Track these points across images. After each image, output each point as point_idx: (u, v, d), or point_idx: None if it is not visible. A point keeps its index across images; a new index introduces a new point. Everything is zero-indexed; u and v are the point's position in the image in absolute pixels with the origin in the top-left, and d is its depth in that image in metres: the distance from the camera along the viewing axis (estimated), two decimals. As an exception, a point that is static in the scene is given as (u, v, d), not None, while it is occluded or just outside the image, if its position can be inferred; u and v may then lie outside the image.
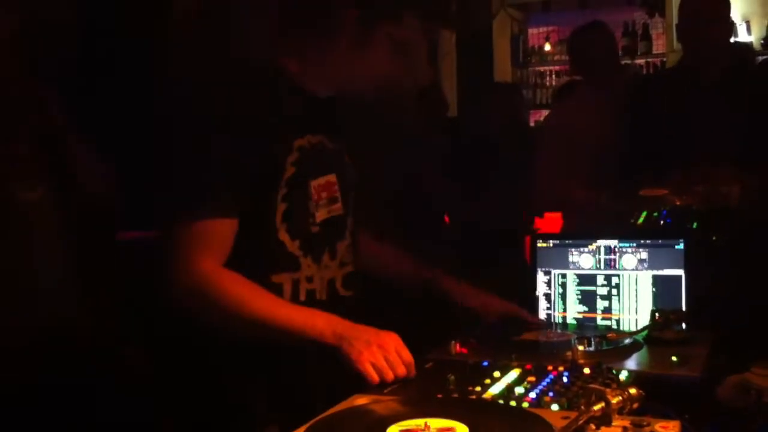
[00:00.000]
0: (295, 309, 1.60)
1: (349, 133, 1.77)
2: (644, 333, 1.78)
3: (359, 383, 1.46)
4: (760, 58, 5.14)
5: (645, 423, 1.16)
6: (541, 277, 2.07)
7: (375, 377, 1.46)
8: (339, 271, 1.73)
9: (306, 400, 1.47)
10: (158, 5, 2.84)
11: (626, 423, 1.16)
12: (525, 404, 1.32)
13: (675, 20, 5.10)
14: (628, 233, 2.08)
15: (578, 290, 2.04)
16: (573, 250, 2.04)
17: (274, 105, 1.61)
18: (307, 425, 1.23)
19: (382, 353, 1.49)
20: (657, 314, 1.78)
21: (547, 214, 4.12)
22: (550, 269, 2.06)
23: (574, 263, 2.04)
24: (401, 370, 1.48)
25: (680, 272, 1.95)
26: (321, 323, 1.54)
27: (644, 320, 1.88)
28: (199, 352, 1.65)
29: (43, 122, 2.06)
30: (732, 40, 3.92)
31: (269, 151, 1.59)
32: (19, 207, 2.09)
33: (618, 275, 2.00)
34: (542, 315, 2.05)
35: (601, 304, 2.01)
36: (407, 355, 1.51)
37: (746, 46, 5.29)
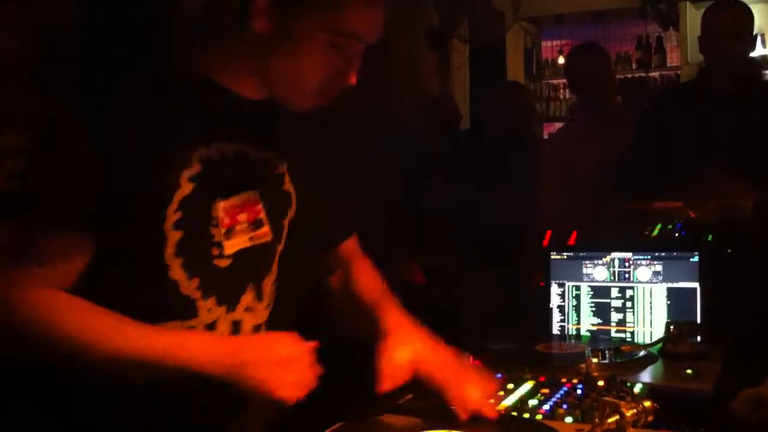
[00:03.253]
0: (158, 334, 1.24)
1: (294, 142, 1.40)
2: (658, 346, 1.78)
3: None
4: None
5: (659, 436, 1.16)
6: (555, 290, 2.06)
7: (292, 398, 1.22)
8: (266, 312, 1.38)
9: None
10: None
11: (640, 436, 1.16)
12: (539, 416, 1.32)
13: (688, 33, 5.10)
14: (643, 246, 2.08)
15: (592, 302, 2.03)
16: (587, 262, 2.04)
17: (160, 105, 1.26)
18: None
19: (287, 369, 1.22)
20: (671, 327, 1.78)
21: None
22: (564, 281, 2.06)
23: (588, 275, 2.04)
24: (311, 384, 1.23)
25: (695, 285, 1.95)
26: (197, 351, 1.22)
27: (658, 333, 1.88)
28: None
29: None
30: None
31: (149, 163, 1.23)
32: None
33: (632, 288, 2.00)
34: (556, 327, 2.05)
35: (615, 317, 2.01)
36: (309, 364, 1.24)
37: (758, 60, 5.27)
